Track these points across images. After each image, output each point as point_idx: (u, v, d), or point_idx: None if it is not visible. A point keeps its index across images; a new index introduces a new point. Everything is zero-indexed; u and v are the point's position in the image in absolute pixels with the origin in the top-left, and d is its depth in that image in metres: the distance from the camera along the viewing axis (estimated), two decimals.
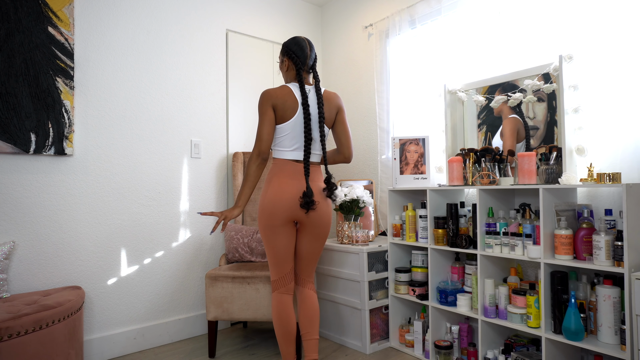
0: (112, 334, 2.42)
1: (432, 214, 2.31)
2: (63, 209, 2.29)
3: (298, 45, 1.93)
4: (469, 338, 2.24)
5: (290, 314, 1.93)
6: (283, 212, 1.85)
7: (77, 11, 2.35)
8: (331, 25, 3.52)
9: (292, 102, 1.87)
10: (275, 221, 1.86)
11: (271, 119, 1.86)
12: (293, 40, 1.95)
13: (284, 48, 1.96)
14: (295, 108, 1.88)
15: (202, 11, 2.89)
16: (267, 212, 1.86)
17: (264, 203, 1.87)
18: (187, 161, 2.78)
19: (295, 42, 1.94)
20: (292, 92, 1.89)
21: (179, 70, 2.76)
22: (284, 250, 1.91)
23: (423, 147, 2.49)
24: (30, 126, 2.15)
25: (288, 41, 1.96)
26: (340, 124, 2.02)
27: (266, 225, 1.88)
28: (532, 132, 2.15)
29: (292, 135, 1.89)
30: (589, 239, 1.74)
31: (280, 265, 1.93)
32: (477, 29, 2.43)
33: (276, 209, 1.85)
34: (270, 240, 1.89)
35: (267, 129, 1.85)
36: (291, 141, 1.89)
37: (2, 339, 1.60)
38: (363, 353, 2.44)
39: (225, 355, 2.44)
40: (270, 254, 1.92)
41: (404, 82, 2.83)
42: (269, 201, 1.86)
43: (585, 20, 2.00)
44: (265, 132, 1.85)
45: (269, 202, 1.86)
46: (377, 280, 2.50)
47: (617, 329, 1.65)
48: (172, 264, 2.70)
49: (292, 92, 1.89)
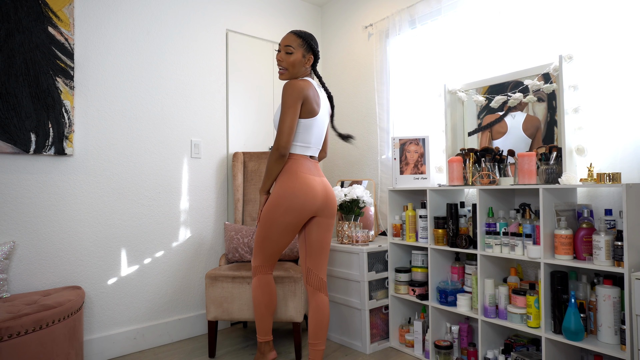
0: (112, 334, 2.42)
1: (432, 214, 2.31)
2: (63, 209, 2.29)
3: (315, 42, 1.95)
4: (469, 338, 2.24)
5: (275, 291, 2.02)
6: (310, 209, 1.85)
7: (77, 11, 2.35)
8: (331, 25, 3.52)
9: (317, 97, 1.89)
10: (297, 219, 1.85)
11: (297, 113, 1.80)
12: (311, 35, 1.93)
13: (307, 43, 1.90)
14: (319, 103, 1.89)
15: (202, 11, 2.89)
16: (295, 208, 1.82)
17: (290, 198, 1.82)
18: (187, 161, 2.78)
19: (313, 38, 1.95)
20: (314, 86, 1.90)
21: (179, 70, 2.76)
22: (283, 246, 1.94)
23: (423, 147, 2.49)
24: (31, 126, 2.15)
25: (308, 35, 1.92)
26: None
27: (281, 221, 1.84)
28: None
29: (315, 131, 1.89)
30: (589, 239, 1.74)
31: (273, 256, 1.96)
32: (477, 29, 2.43)
33: (306, 206, 1.84)
34: (277, 234, 1.88)
35: (291, 123, 1.77)
36: (312, 137, 1.90)
37: (2, 339, 1.60)
38: (363, 353, 2.44)
39: (225, 355, 2.44)
40: (266, 244, 1.91)
41: (404, 82, 2.83)
42: (300, 200, 1.82)
43: (585, 20, 2.00)
44: (289, 125, 1.77)
45: (298, 200, 1.82)
46: (377, 280, 2.50)
47: (617, 329, 1.65)
48: (172, 264, 2.70)
49: (314, 86, 1.90)
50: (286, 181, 1.85)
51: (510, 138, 2.23)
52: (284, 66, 1.90)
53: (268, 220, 1.87)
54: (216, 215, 2.91)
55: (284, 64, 1.89)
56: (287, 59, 1.89)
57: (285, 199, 1.83)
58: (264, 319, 1.99)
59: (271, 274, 2.00)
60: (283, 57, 1.89)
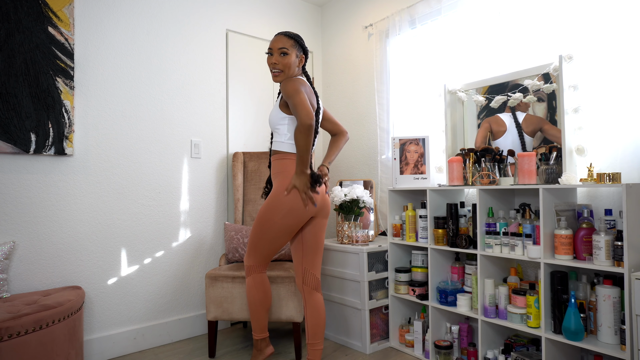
0: (112, 334, 2.42)
1: (432, 214, 2.31)
2: (63, 209, 2.29)
3: (304, 42, 1.97)
4: (469, 338, 2.24)
5: (269, 288, 2.02)
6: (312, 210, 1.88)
7: (77, 11, 2.35)
8: (331, 25, 3.52)
9: (312, 96, 1.92)
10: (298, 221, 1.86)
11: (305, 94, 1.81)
12: (299, 35, 1.96)
13: (299, 43, 1.93)
14: (313, 102, 1.92)
15: (202, 11, 2.89)
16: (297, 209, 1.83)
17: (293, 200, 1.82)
18: (187, 161, 2.78)
19: (302, 38, 1.98)
20: (308, 85, 1.93)
21: (179, 70, 2.76)
22: (279, 248, 1.95)
23: (423, 147, 2.49)
24: (30, 126, 2.15)
25: (298, 36, 1.94)
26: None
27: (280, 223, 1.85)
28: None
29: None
30: (588, 239, 1.74)
31: (268, 257, 1.97)
32: (477, 29, 2.43)
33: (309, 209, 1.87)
34: (274, 236, 1.88)
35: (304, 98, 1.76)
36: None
37: (2, 339, 1.60)
38: (363, 353, 2.44)
39: (225, 355, 2.44)
40: (262, 245, 1.91)
41: (404, 82, 2.83)
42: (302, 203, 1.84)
43: (585, 20, 1.99)
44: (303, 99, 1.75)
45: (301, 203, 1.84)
46: (377, 280, 2.50)
47: (617, 329, 1.65)
48: (172, 263, 2.70)
49: (308, 85, 1.93)
50: (287, 183, 1.86)
51: (509, 137, 2.23)
52: (279, 68, 1.89)
53: (267, 221, 1.87)
54: (216, 215, 2.91)
55: (279, 67, 1.88)
56: (283, 60, 1.88)
57: (287, 201, 1.83)
58: (260, 317, 2.01)
59: (265, 273, 2.01)
60: (278, 60, 1.88)
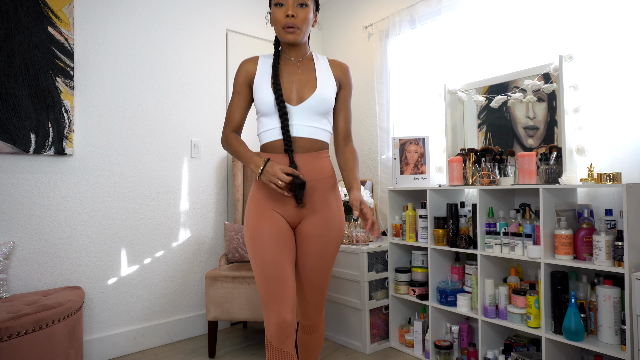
0: (112, 334, 2.42)
1: (432, 214, 2.31)
2: (63, 209, 2.29)
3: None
4: (469, 338, 2.24)
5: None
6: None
7: (77, 11, 2.35)
8: (331, 25, 3.52)
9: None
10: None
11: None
12: None
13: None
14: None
15: (202, 11, 2.89)
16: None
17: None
18: (187, 161, 2.78)
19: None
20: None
21: (179, 70, 2.76)
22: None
23: (423, 147, 2.49)
24: (30, 126, 2.15)
25: None
26: None
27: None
28: (532, 132, 2.15)
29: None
30: (589, 239, 1.74)
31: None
32: (477, 29, 2.43)
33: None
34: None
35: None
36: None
37: (2, 339, 1.60)
38: (363, 353, 2.44)
39: (225, 355, 2.44)
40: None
41: (404, 82, 2.83)
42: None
43: (585, 20, 1.99)
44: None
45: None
46: (377, 280, 2.50)
47: (617, 329, 1.64)
48: (172, 264, 2.70)
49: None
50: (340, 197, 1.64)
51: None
52: (297, 24, 1.42)
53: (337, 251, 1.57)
54: (216, 215, 2.91)
55: (297, 22, 1.42)
56: (301, 13, 1.43)
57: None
58: None
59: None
60: (296, 11, 1.42)
